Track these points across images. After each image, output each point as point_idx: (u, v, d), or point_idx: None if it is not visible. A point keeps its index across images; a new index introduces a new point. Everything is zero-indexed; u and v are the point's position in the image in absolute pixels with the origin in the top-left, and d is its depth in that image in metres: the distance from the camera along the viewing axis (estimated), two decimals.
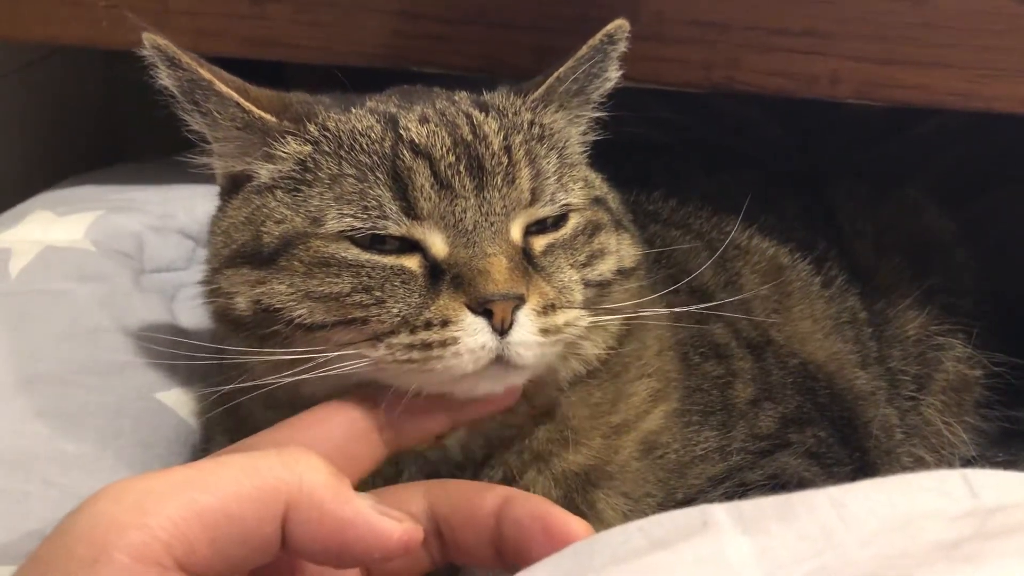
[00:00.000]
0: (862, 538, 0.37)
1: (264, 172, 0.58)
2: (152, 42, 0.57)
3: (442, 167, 0.54)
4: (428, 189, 0.54)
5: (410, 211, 0.54)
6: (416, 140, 0.55)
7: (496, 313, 0.51)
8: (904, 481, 0.40)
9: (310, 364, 0.53)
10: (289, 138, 0.57)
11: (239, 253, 0.57)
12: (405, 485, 0.53)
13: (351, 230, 0.54)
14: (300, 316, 0.53)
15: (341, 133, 0.57)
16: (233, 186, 0.60)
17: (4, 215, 0.87)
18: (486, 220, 0.54)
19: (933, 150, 0.92)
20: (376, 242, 0.54)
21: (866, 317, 0.80)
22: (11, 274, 0.76)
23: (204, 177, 0.94)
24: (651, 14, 0.72)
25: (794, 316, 0.76)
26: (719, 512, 0.38)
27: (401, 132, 0.56)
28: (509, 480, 0.58)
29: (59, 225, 0.82)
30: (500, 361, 0.52)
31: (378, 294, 0.53)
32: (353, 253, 0.53)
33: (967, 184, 0.91)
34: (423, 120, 0.57)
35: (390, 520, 0.43)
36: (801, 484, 0.62)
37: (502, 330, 0.51)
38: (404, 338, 0.51)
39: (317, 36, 0.79)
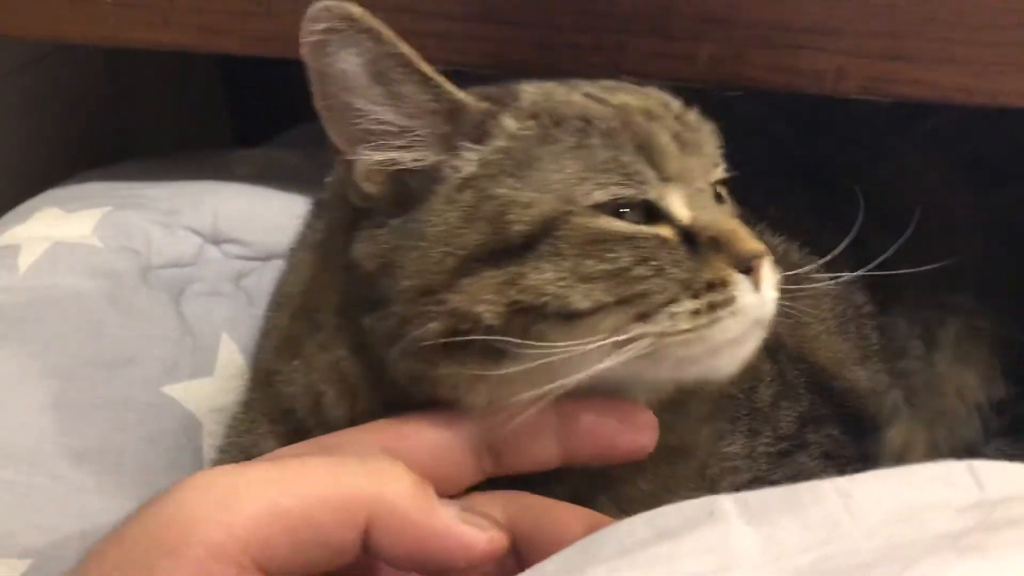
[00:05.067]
0: (868, 528, 0.37)
1: (473, 158, 0.51)
2: (341, 11, 0.49)
3: (671, 127, 0.52)
4: (673, 150, 0.51)
5: (659, 174, 0.51)
6: (638, 105, 0.53)
7: (756, 269, 0.50)
8: (910, 472, 0.40)
9: (569, 366, 0.47)
10: (504, 116, 0.51)
11: (475, 257, 0.49)
12: (483, 494, 0.50)
13: (613, 200, 0.49)
14: (575, 302, 0.48)
15: (556, 107, 0.52)
16: (401, 190, 0.52)
17: (12, 212, 0.87)
18: (705, 180, 0.53)
19: (951, 141, 0.91)
20: (625, 214, 0.50)
21: (870, 310, 0.80)
22: (20, 269, 0.76)
23: (211, 173, 0.95)
24: (657, 10, 0.72)
25: (803, 318, 0.75)
26: (725, 502, 0.39)
27: (617, 102, 0.53)
28: (577, 501, 0.53)
29: (67, 221, 0.83)
30: (756, 322, 0.51)
31: (655, 263, 0.49)
32: (618, 225, 0.49)
33: (984, 176, 0.90)
34: (618, 90, 0.54)
35: (475, 529, 0.43)
36: None
37: (757, 288, 0.50)
38: (688, 304, 0.48)
39: None
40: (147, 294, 0.78)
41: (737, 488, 0.60)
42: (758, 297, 0.50)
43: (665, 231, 0.51)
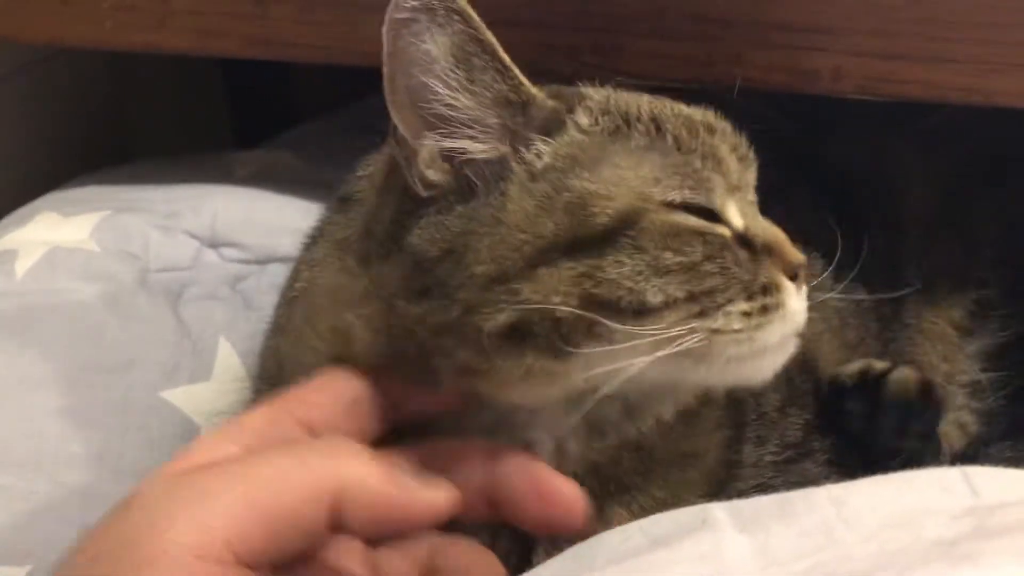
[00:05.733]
0: (862, 535, 0.37)
1: (546, 150, 0.51)
2: None
3: (730, 141, 0.54)
4: (734, 163, 0.54)
5: (725, 185, 0.53)
6: (701, 118, 0.55)
7: (800, 278, 0.52)
8: (904, 478, 0.40)
9: (623, 359, 0.48)
10: (577, 111, 0.52)
11: (554, 247, 0.49)
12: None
13: (684, 203, 0.51)
14: (651, 294, 0.48)
15: (627, 108, 0.53)
16: (466, 179, 0.51)
17: (11, 216, 0.87)
18: (752, 194, 0.55)
19: (943, 140, 0.91)
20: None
21: (871, 304, 0.80)
22: (17, 274, 0.76)
23: (210, 176, 0.95)
24: (653, 10, 0.72)
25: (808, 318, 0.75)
26: (718, 511, 0.39)
27: (680, 110, 0.55)
28: (593, 511, 0.52)
29: (65, 226, 0.83)
30: (795, 329, 0.52)
31: (720, 261, 0.50)
32: (693, 221, 0.51)
33: (983, 172, 0.90)
34: (677, 103, 0.56)
35: (435, 490, 0.45)
36: None
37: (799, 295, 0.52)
38: (743, 305, 0.50)
39: (321, 36, 0.79)
40: (145, 298, 0.78)
41: (741, 495, 0.60)
42: (800, 304, 0.52)
43: (726, 233, 0.52)
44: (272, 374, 0.62)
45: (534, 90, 0.52)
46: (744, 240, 0.52)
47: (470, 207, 0.51)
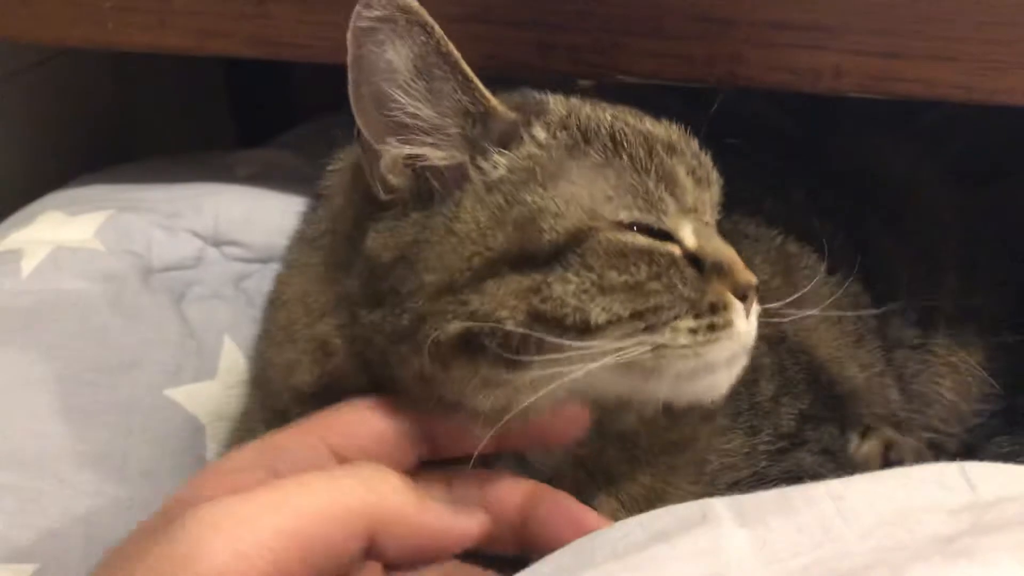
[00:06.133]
0: (860, 531, 0.37)
1: (502, 162, 0.52)
2: (399, 2, 0.49)
3: (688, 162, 0.55)
4: (690, 184, 0.54)
5: (677, 206, 0.53)
6: (663, 136, 0.55)
7: (749, 298, 0.53)
8: (903, 474, 0.41)
9: (576, 365, 0.49)
10: (535, 125, 0.53)
11: (502, 259, 0.49)
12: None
13: (635, 222, 0.51)
14: (595, 313, 0.49)
15: (586, 122, 0.54)
16: (424, 185, 0.52)
17: (15, 216, 0.88)
18: (711, 214, 0.56)
19: (942, 138, 0.91)
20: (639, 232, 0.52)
21: (868, 300, 0.80)
22: (22, 274, 0.76)
23: (212, 175, 0.95)
24: (654, 9, 0.72)
25: (802, 307, 0.75)
26: (718, 505, 0.39)
27: (642, 128, 0.55)
28: (578, 497, 0.55)
29: (69, 225, 0.83)
30: (743, 347, 0.53)
31: (666, 280, 0.51)
32: (640, 239, 0.51)
33: (981, 169, 0.90)
34: (643, 118, 0.57)
35: (467, 517, 0.47)
36: (814, 479, 0.62)
37: (748, 316, 0.53)
38: (690, 322, 0.51)
39: (321, 35, 0.79)
40: (149, 297, 0.78)
41: (736, 484, 0.61)
42: (748, 324, 0.53)
43: (676, 251, 0.53)
44: (262, 380, 0.62)
45: (495, 101, 0.52)
46: (694, 259, 0.53)
47: (424, 215, 0.52)
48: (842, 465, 0.67)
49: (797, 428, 0.66)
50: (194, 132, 1.24)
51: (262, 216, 0.87)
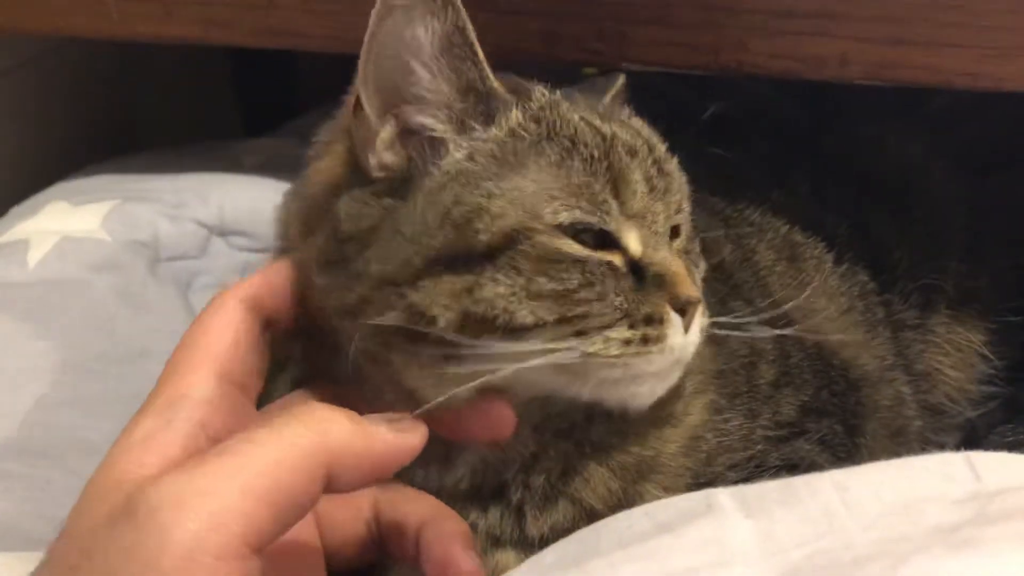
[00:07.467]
0: (864, 521, 0.37)
1: (464, 145, 0.53)
2: None
3: (646, 168, 0.55)
4: (641, 189, 0.54)
5: (622, 209, 0.53)
6: (624, 140, 0.55)
7: (689, 313, 0.53)
8: (908, 464, 0.41)
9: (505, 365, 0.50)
10: (514, 109, 0.54)
11: (439, 259, 0.51)
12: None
13: (574, 224, 0.52)
14: (521, 319, 0.50)
15: (555, 120, 0.54)
16: (407, 174, 0.53)
17: (20, 206, 0.88)
18: (665, 224, 0.55)
19: (950, 124, 0.91)
20: (581, 236, 0.52)
21: (875, 287, 0.80)
22: (29, 265, 0.77)
23: (218, 165, 0.95)
24: None
25: (810, 294, 0.75)
26: (723, 496, 0.39)
27: (606, 131, 0.55)
28: (569, 472, 0.57)
29: (75, 215, 0.83)
30: (677, 361, 0.53)
31: (599, 289, 0.51)
32: (575, 247, 0.51)
33: (988, 157, 0.90)
34: (613, 121, 0.57)
35: (407, 433, 0.48)
36: (812, 469, 0.62)
37: (687, 330, 0.53)
38: (623, 332, 0.51)
39: (326, 25, 0.79)
40: (156, 287, 0.79)
41: (734, 467, 0.61)
42: (685, 339, 0.53)
43: (616, 259, 0.53)
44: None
45: (496, 82, 0.54)
46: (637, 267, 0.53)
47: (391, 204, 0.53)
48: (840, 458, 0.66)
49: (797, 418, 0.66)
50: (199, 122, 1.24)
51: (268, 206, 0.86)
